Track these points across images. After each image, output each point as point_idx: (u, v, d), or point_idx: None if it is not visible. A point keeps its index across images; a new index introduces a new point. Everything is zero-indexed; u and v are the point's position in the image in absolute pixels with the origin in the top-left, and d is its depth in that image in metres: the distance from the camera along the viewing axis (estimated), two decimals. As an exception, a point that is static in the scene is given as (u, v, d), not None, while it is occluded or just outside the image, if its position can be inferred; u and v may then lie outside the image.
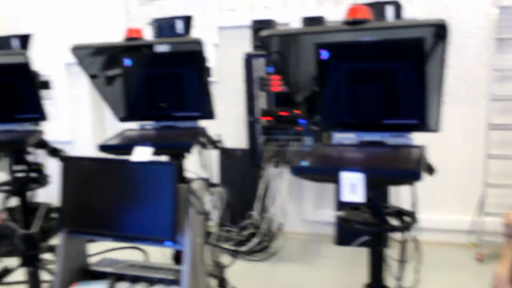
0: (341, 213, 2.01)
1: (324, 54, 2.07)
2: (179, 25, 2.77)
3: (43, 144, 2.86)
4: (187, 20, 2.77)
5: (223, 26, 4.29)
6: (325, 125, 2.20)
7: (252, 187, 3.71)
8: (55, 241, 2.38)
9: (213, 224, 2.65)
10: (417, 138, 1.98)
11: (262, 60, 3.67)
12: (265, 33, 1.90)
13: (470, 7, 3.75)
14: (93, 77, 2.66)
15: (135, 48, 2.67)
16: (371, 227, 1.90)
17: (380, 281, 2.03)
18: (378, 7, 2.37)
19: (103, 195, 2.23)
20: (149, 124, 2.75)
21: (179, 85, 2.66)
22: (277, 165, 3.58)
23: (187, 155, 2.61)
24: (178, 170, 2.42)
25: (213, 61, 4.24)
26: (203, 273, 2.31)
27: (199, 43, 2.38)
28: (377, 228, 1.89)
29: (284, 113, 3.54)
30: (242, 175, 3.89)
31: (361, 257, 2.14)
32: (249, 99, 3.63)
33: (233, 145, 3.88)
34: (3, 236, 2.95)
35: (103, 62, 2.70)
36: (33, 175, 2.86)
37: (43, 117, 2.81)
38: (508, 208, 1.94)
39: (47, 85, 2.93)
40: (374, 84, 2.04)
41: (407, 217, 1.96)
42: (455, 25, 3.76)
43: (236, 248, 3.48)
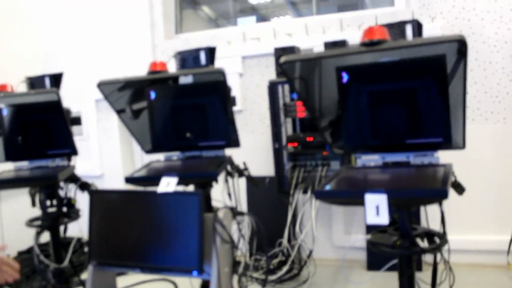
0: (369, 236, 1.97)
1: (344, 77, 2.08)
2: (203, 57, 2.82)
3: (74, 178, 2.93)
4: (211, 51, 2.82)
5: (247, 55, 4.35)
6: (348, 148, 2.19)
7: (280, 214, 3.68)
8: (86, 275, 2.41)
9: (241, 253, 2.64)
10: (448, 157, 1.94)
11: (286, 86, 3.68)
12: (283, 59, 1.92)
13: (494, 21, 3.70)
14: (120, 112, 2.72)
15: (159, 81, 2.73)
16: (399, 250, 1.85)
17: (412, 306, 1.97)
18: (398, 27, 2.36)
19: (130, 227, 2.26)
20: (175, 155, 2.79)
21: (203, 115, 2.69)
22: (305, 191, 3.55)
23: (213, 184, 2.62)
24: (204, 199, 2.43)
25: (238, 90, 4.29)
26: (232, 302, 2.29)
27: (222, 73, 2.42)
28: (405, 250, 1.85)
29: (310, 139, 3.53)
30: (270, 203, 3.86)
31: (393, 281, 2.09)
32: (274, 126, 3.63)
33: (261, 173, 3.88)
34: (36, 271, 3.00)
35: (129, 96, 2.77)
36: (65, 209, 2.92)
37: (74, 152, 2.89)
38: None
39: (77, 121, 3.02)
40: (396, 104, 2.02)
41: (437, 238, 1.91)
42: (480, 40, 3.72)
43: (266, 276, 3.44)
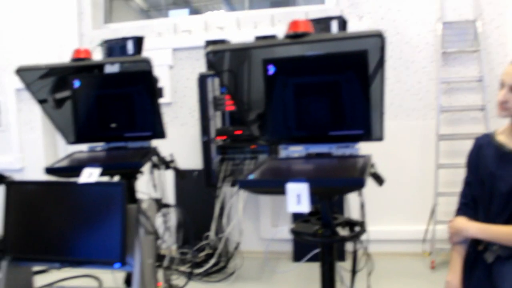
0: (293, 226, 2.01)
1: (271, 69, 2.09)
2: (130, 46, 2.76)
3: (-12, 170, 2.76)
4: (138, 41, 2.76)
5: (177, 47, 4.30)
6: (274, 139, 2.21)
7: (208, 207, 3.68)
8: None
9: (167, 246, 2.60)
10: (371, 151, 2.01)
11: (216, 80, 3.67)
12: (210, 48, 1.91)
13: (417, 23, 3.88)
14: (42, 102, 2.60)
15: (83, 69, 2.64)
16: (320, 238, 1.90)
17: (332, 292, 2.03)
18: (324, 23, 2.42)
19: (49, 219, 2.17)
20: (99, 145, 2.70)
21: (129, 105, 2.62)
22: (233, 184, 3.57)
23: (139, 176, 2.57)
24: (128, 190, 2.38)
25: (168, 82, 4.23)
26: (155, 295, 2.26)
27: (148, 62, 2.37)
28: (326, 239, 1.89)
29: (238, 132, 3.55)
30: (198, 196, 3.85)
31: (317, 271, 2.14)
32: (204, 119, 3.62)
33: (189, 166, 3.86)
34: None
35: (51, 85, 2.65)
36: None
37: (-11, 143, 2.73)
38: (452, 216, 1.97)
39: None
40: (320, 97, 2.06)
41: (357, 227, 1.98)
42: (404, 40, 3.89)
43: (192, 270, 3.42)
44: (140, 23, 4.66)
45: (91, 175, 2.20)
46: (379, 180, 1.94)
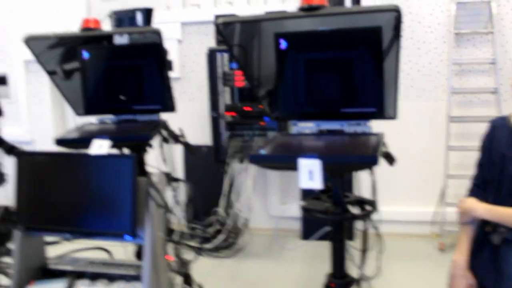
0: (303, 203, 2.01)
1: (282, 44, 2.07)
2: (139, 17, 2.73)
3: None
4: (148, 12, 2.73)
5: (186, 21, 4.26)
6: (285, 115, 2.20)
7: (217, 183, 3.68)
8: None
9: (177, 221, 2.62)
10: (378, 130, 1.99)
11: (225, 55, 3.65)
12: (221, 20, 1.88)
13: (430, 3, 3.82)
14: (51, 73, 2.59)
15: (93, 39, 2.61)
16: (331, 216, 1.89)
17: (342, 270, 2.04)
18: (337, -2, 2.38)
19: (60, 191, 2.17)
20: (109, 118, 2.70)
21: (138, 78, 2.61)
22: (242, 161, 3.56)
23: (148, 149, 2.57)
24: (138, 163, 2.38)
25: (176, 57, 4.20)
26: (164, 268, 2.27)
27: (158, 34, 2.34)
28: (337, 216, 1.89)
29: (248, 108, 3.53)
30: (206, 171, 3.85)
31: (326, 250, 2.14)
32: (213, 94, 3.60)
33: (198, 142, 3.85)
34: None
35: (60, 55, 2.63)
36: (-11, 174, 2.77)
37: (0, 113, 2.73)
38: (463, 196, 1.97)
39: (3, 81, 2.84)
40: (332, 73, 2.05)
41: (368, 206, 1.97)
42: (416, 20, 3.83)
43: (201, 245, 3.45)
44: (149, -4, 4.61)
45: (101, 147, 2.20)
46: (390, 159, 1.93)
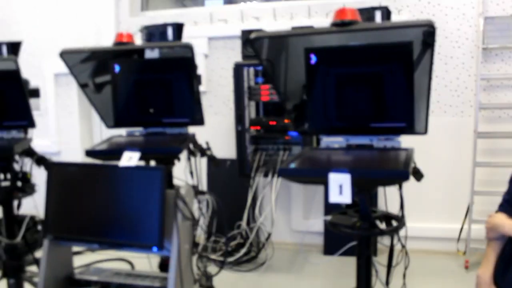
0: (329, 217, 2.00)
1: (313, 58, 2.08)
2: (170, 32, 2.77)
3: (30, 152, 2.82)
4: (178, 27, 2.77)
5: (213, 36, 4.31)
6: (314, 129, 2.20)
7: (240, 197, 3.69)
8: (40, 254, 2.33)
9: (201, 234, 2.62)
10: (404, 145, 1.98)
11: (251, 70, 3.67)
12: (255, 35, 1.91)
13: (457, 17, 3.80)
14: (83, 86, 2.64)
15: (125, 53, 2.67)
16: (359, 231, 1.88)
17: (367, 286, 2.01)
18: (366, 13, 2.39)
19: (89, 201, 2.20)
20: (138, 130, 2.73)
21: (168, 91, 2.65)
22: (266, 175, 3.57)
23: (175, 161, 2.59)
24: (166, 175, 2.40)
25: (203, 71, 4.24)
26: (189, 280, 2.28)
27: (190, 48, 2.38)
28: (364, 231, 1.88)
29: (272, 123, 3.54)
30: (230, 185, 3.86)
31: (349, 266, 2.13)
32: (238, 108, 3.62)
33: (222, 155, 3.87)
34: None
35: (92, 69, 2.69)
36: (19, 184, 2.81)
37: (31, 125, 2.78)
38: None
39: (36, 93, 2.91)
40: (362, 88, 2.05)
41: (395, 221, 1.96)
42: (443, 35, 3.81)
43: (223, 258, 3.44)
44: (176, 11, 4.68)
45: (130, 159, 2.23)
46: (419, 175, 1.92)
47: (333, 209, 2.05)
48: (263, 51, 2.03)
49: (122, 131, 2.80)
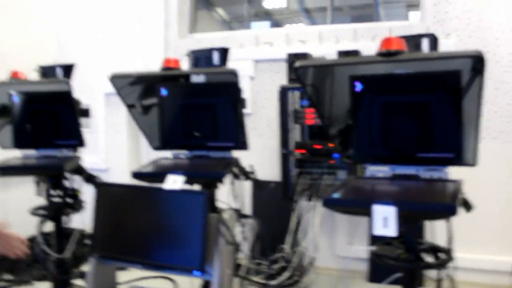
0: (374, 248, 1.96)
1: (358, 86, 2.07)
2: (216, 57, 2.81)
3: (80, 170, 2.93)
4: (224, 52, 2.82)
5: (259, 59, 4.35)
6: (358, 157, 2.18)
7: (284, 220, 3.67)
8: (87, 267, 2.40)
9: (243, 256, 2.62)
10: (457, 173, 1.93)
11: (296, 93, 3.68)
12: (300, 63, 1.92)
13: (508, 42, 3.70)
14: (130, 107, 2.72)
15: (171, 78, 2.73)
16: (404, 263, 1.84)
17: (413, 320, 1.96)
18: (413, 40, 2.35)
19: (134, 222, 2.26)
20: (183, 153, 2.78)
21: (213, 115, 2.69)
22: (310, 199, 3.54)
23: (219, 185, 2.62)
24: (209, 199, 2.43)
25: (249, 93, 4.28)
26: (231, 304, 2.28)
27: (235, 74, 2.41)
28: (410, 264, 1.84)
29: (317, 146, 3.52)
30: (274, 208, 3.85)
31: (394, 295, 2.07)
32: (283, 131, 3.63)
33: (266, 178, 3.87)
34: (37, 260, 3.00)
35: (140, 91, 2.77)
36: (69, 200, 2.91)
37: (81, 144, 2.89)
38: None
39: (86, 113, 3.02)
40: (408, 116, 2.01)
41: (442, 254, 1.90)
42: (494, 59, 3.71)
43: (266, 281, 3.42)
44: (223, 34, 4.77)
45: (175, 182, 2.27)
46: (468, 206, 1.86)
47: (378, 238, 2.01)
48: (308, 77, 2.04)
49: (167, 153, 2.86)
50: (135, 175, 2.53)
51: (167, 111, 2.78)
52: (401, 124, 2.03)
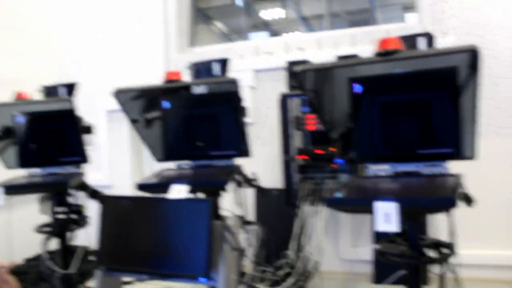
0: (377, 246, 1.97)
1: (357, 88, 2.09)
2: (216, 68, 2.85)
3: (84, 186, 2.95)
4: (224, 62, 2.85)
5: (259, 69, 4.38)
6: (360, 158, 2.19)
7: (287, 226, 3.67)
8: (92, 283, 2.41)
9: (248, 263, 2.63)
10: (460, 170, 1.94)
11: (297, 100, 3.70)
12: (299, 68, 1.95)
13: (507, 37, 3.71)
14: (133, 121, 2.76)
15: (173, 90, 2.77)
16: (407, 259, 1.85)
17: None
18: (410, 40, 2.38)
19: (140, 233, 2.27)
20: (186, 163, 2.81)
21: (215, 124, 2.73)
22: (313, 204, 3.55)
23: (222, 192, 2.63)
24: (214, 207, 2.44)
25: (250, 103, 4.31)
26: (238, 311, 2.29)
27: (235, 83, 2.45)
28: (413, 260, 1.84)
29: (319, 151, 3.54)
30: (277, 214, 3.85)
31: (399, 295, 2.07)
32: (285, 138, 3.65)
33: (269, 185, 3.88)
34: (42, 278, 3.02)
35: (143, 105, 2.81)
36: (73, 216, 2.93)
37: (85, 160, 2.92)
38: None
39: (89, 130, 3.05)
40: (407, 115, 2.04)
41: (445, 249, 1.90)
42: (492, 55, 3.73)
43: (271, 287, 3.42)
44: (222, 46, 4.81)
45: (180, 192, 2.29)
46: (468, 200, 1.87)
47: (382, 237, 2.03)
48: (308, 83, 2.06)
49: (171, 164, 2.89)
50: (140, 187, 2.55)
51: (170, 123, 2.82)
52: (401, 122, 2.05)
